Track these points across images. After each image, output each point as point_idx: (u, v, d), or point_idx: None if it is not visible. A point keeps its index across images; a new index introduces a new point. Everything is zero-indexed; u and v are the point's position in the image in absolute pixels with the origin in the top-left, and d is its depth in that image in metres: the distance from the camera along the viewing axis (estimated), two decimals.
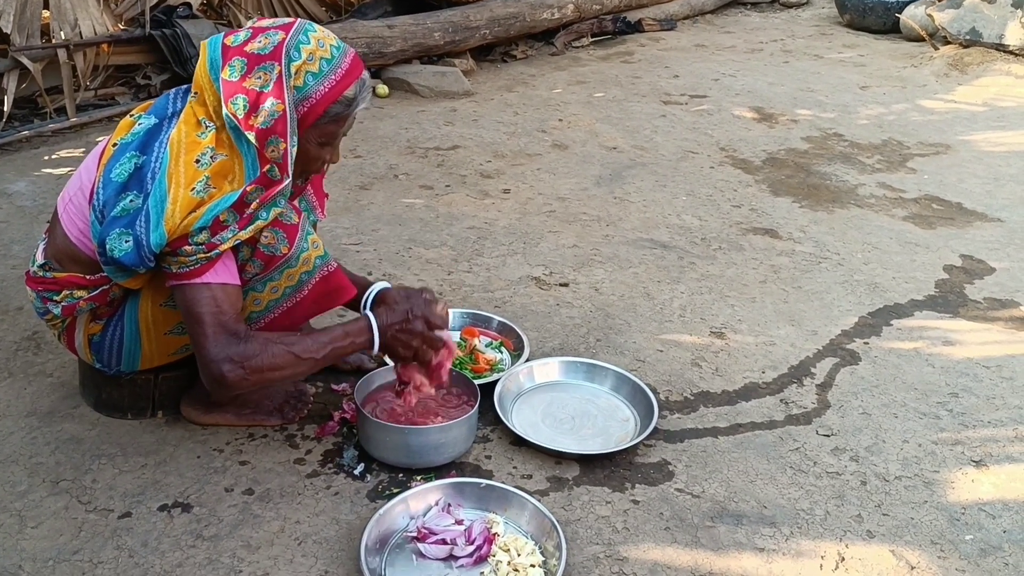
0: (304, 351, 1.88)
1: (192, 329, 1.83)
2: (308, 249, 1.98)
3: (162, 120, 1.89)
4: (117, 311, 2.03)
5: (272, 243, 1.92)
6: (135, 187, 1.80)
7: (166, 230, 1.75)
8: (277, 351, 1.84)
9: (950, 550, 1.96)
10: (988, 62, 6.31)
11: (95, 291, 1.98)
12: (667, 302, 3.00)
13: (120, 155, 1.84)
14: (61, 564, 1.79)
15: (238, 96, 1.80)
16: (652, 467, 2.17)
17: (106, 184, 1.83)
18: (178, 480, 2.04)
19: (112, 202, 1.80)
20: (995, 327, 2.94)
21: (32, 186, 3.72)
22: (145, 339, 2.05)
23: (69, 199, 1.98)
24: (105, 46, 4.84)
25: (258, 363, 1.81)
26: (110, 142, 1.91)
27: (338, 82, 1.87)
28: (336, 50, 1.89)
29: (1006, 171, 4.49)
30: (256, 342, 1.83)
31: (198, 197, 1.77)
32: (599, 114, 5.17)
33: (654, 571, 1.85)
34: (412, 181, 3.99)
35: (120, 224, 1.79)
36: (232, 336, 1.81)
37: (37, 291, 2.03)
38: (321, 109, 1.86)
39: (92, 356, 2.11)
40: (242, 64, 1.81)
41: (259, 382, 1.86)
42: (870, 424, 2.38)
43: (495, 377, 2.41)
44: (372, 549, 1.82)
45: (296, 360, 1.86)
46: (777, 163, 4.48)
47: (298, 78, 1.83)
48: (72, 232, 1.95)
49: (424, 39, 5.62)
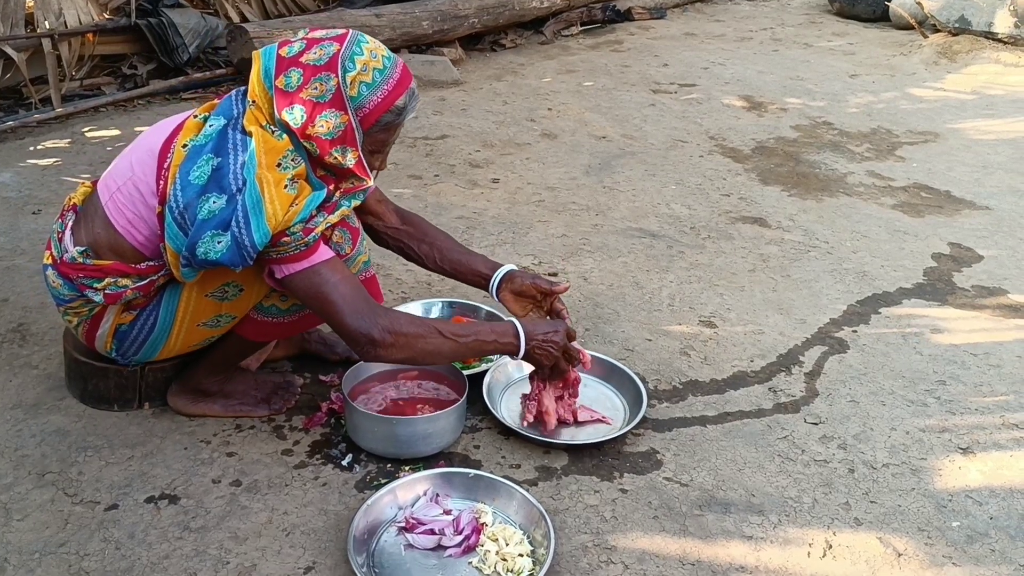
0: (447, 330, 1.97)
1: (324, 310, 1.89)
2: (364, 252, 2.06)
3: (229, 120, 1.90)
4: (152, 301, 2.04)
5: (340, 242, 1.99)
6: (214, 189, 1.80)
7: (270, 228, 1.78)
8: (421, 322, 1.98)
9: (937, 537, 1.97)
10: (977, 50, 6.32)
11: (141, 281, 1.97)
12: (656, 291, 3.00)
13: (196, 157, 1.84)
14: (47, 557, 1.78)
15: (295, 106, 1.84)
16: (640, 456, 2.17)
17: (185, 187, 1.82)
18: (165, 472, 2.03)
19: (194, 204, 1.81)
20: (983, 315, 2.95)
21: (17, 177, 3.69)
22: (176, 329, 2.05)
23: (117, 188, 1.97)
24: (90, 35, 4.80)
25: (408, 330, 1.90)
26: (177, 143, 1.90)
27: (390, 92, 1.90)
28: (387, 60, 1.92)
29: (995, 159, 4.51)
30: (399, 313, 1.98)
31: (291, 193, 1.82)
32: (588, 103, 5.15)
33: (642, 560, 1.86)
34: (400, 171, 3.98)
35: (210, 226, 1.79)
36: (371, 308, 1.88)
37: (74, 278, 1.99)
38: (374, 119, 1.90)
39: (112, 345, 2.10)
40: (299, 75, 1.85)
41: (409, 349, 1.91)
42: (858, 412, 2.39)
43: (484, 367, 2.41)
44: (360, 540, 1.81)
45: (440, 336, 1.94)
46: (766, 152, 4.48)
47: (352, 88, 1.86)
48: (119, 222, 1.95)
49: (412, 28, 5.59)
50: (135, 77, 5.05)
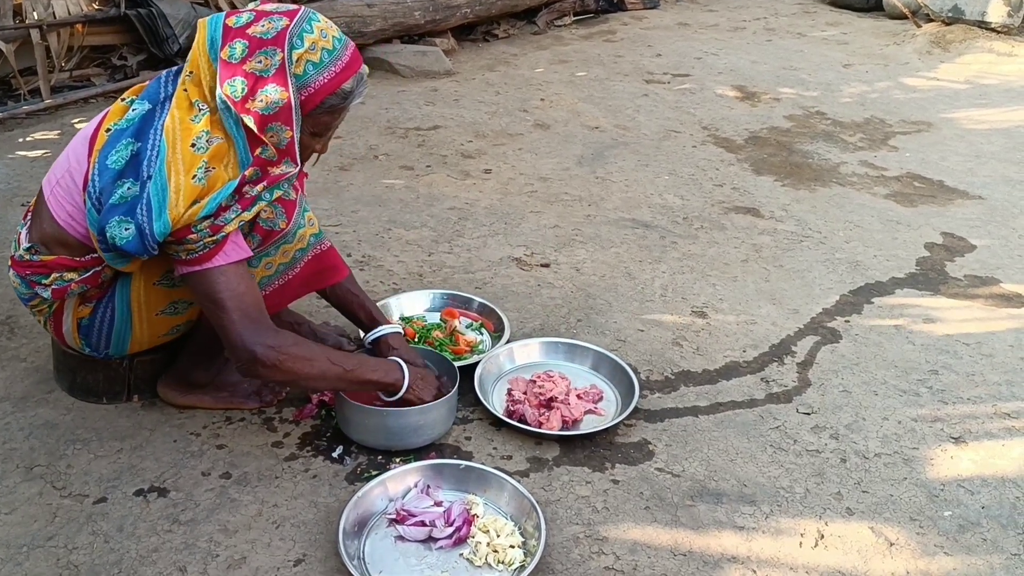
0: (334, 356, 1.94)
1: (215, 316, 1.83)
2: (304, 226, 2.00)
3: (155, 105, 1.86)
4: (107, 293, 2.01)
5: (271, 218, 1.92)
6: (131, 174, 1.78)
7: (170, 219, 1.73)
8: (310, 345, 1.90)
9: (929, 526, 1.96)
10: (970, 39, 6.32)
11: (86, 273, 1.95)
12: (648, 282, 2.99)
13: (115, 141, 1.82)
14: (35, 550, 1.77)
15: (236, 78, 1.78)
16: (632, 447, 2.17)
17: (102, 171, 1.80)
18: (154, 464, 2.02)
19: (109, 189, 1.78)
20: (975, 304, 2.95)
21: (6, 169, 3.66)
22: (136, 319, 2.03)
23: (56, 182, 1.95)
24: (79, 26, 4.76)
25: (294, 351, 1.85)
26: (102, 127, 1.87)
27: (338, 74, 1.85)
28: (338, 42, 1.88)
29: (988, 148, 4.50)
30: (287, 334, 1.88)
31: (199, 184, 1.76)
32: (581, 94, 5.13)
33: (634, 550, 1.85)
34: (392, 162, 3.96)
35: (119, 212, 1.76)
36: (261, 324, 1.83)
37: (24, 275, 1.98)
38: (318, 99, 1.85)
39: (81, 341, 2.07)
40: (243, 46, 1.79)
41: (291, 370, 1.85)
42: (850, 402, 2.39)
43: (475, 359, 2.40)
44: (350, 532, 1.80)
45: (328, 363, 1.90)
46: (759, 142, 4.47)
47: (299, 66, 1.81)
48: (60, 216, 1.93)
49: (404, 18, 5.56)
50: (125, 68, 5.02)
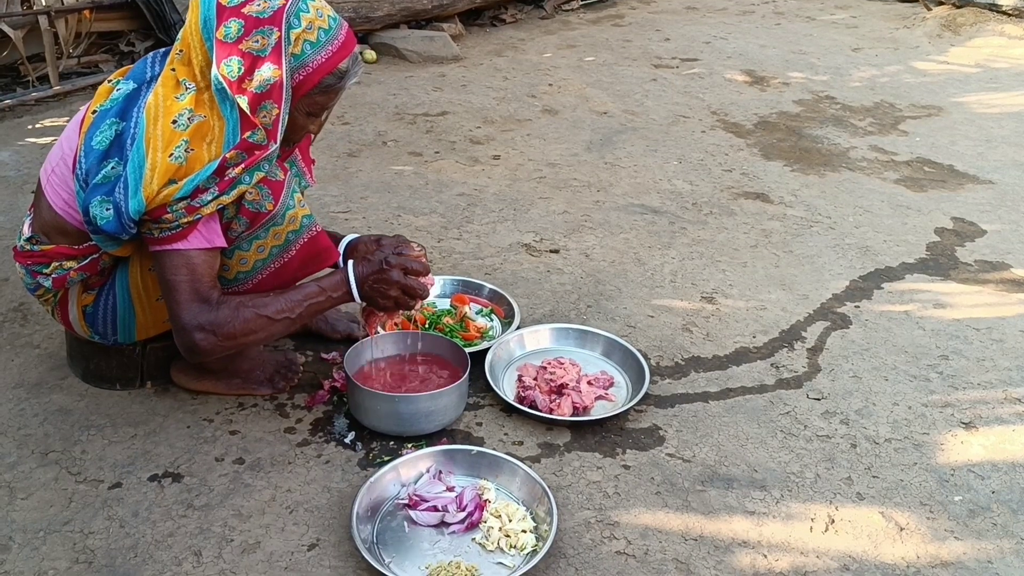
0: (277, 312, 1.89)
1: (167, 296, 1.84)
2: (294, 207, 1.96)
3: (140, 85, 1.86)
4: (108, 280, 2.02)
5: (257, 199, 1.89)
6: (116, 154, 1.78)
7: (144, 197, 1.73)
8: (248, 315, 1.85)
9: (939, 511, 1.97)
10: (981, 23, 6.26)
11: (85, 260, 1.96)
12: (658, 268, 2.99)
13: (100, 122, 1.82)
14: (52, 535, 1.79)
15: (233, 58, 1.77)
16: (643, 432, 2.18)
17: (88, 152, 1.81)
18: (168, 450, 2.04)
19: (95, 170, 1.79)
20: (986, 289, 2.94)
21: (16, 156, 3.67)
22: (138, 306, 2.04)
23: (52, 170, 1.95)
24: (87, 12, 4.75)
25: (230, 330, 1.83)
26: (89, 109, 1.88)
27: (334, 54, 1.85)
28: (333, 21, 1.87)
29: (998, 133, 4.48)
30: (227, 308, 1.84)
31: (176, 163, 1.75)
32: (589, 79, 5.12)
33: (645, 535, 1.86)
34: (401, 148, 3.96)
35: (101, 191, 1.77)
36: (204, 303, 1.82)
37: (26, 265, 2.00)
38: (316, 80, 1.84)
39: (88, 328, 2.09)
40: (239, 26, 1.78)
41: (233, 347, 1.88)
42: (860, 387, 2.39)
43: (486, 345, 2.40)
44: (363, 517, 1.82)
45: (269, 322, 1.88)
46: (769, 127, 4.45)
47: (296, 46, 1.80)
48: (57, 203, 1.93)
49: (412, 3, 5.53)
50: (132, 54, 5.01)
